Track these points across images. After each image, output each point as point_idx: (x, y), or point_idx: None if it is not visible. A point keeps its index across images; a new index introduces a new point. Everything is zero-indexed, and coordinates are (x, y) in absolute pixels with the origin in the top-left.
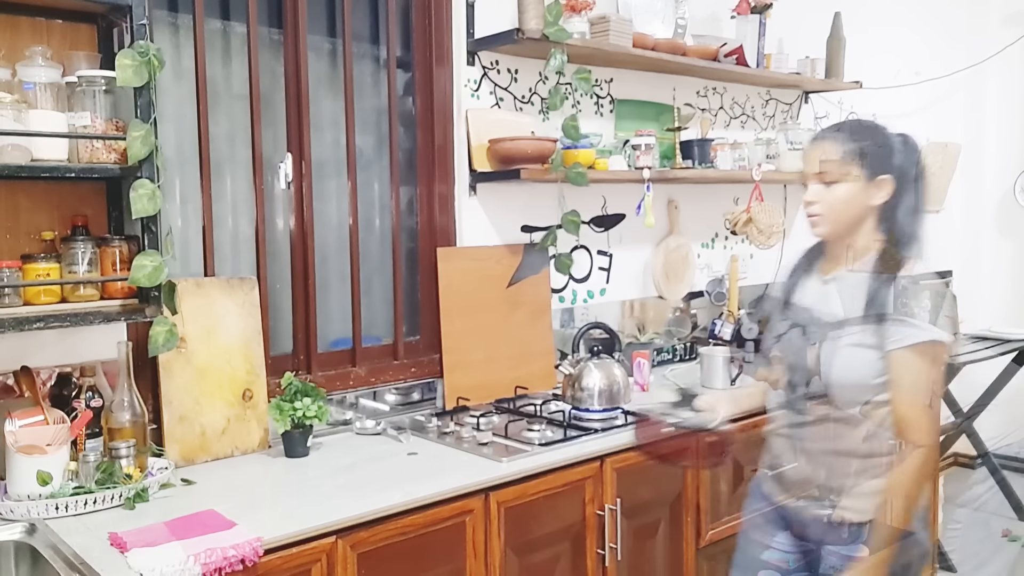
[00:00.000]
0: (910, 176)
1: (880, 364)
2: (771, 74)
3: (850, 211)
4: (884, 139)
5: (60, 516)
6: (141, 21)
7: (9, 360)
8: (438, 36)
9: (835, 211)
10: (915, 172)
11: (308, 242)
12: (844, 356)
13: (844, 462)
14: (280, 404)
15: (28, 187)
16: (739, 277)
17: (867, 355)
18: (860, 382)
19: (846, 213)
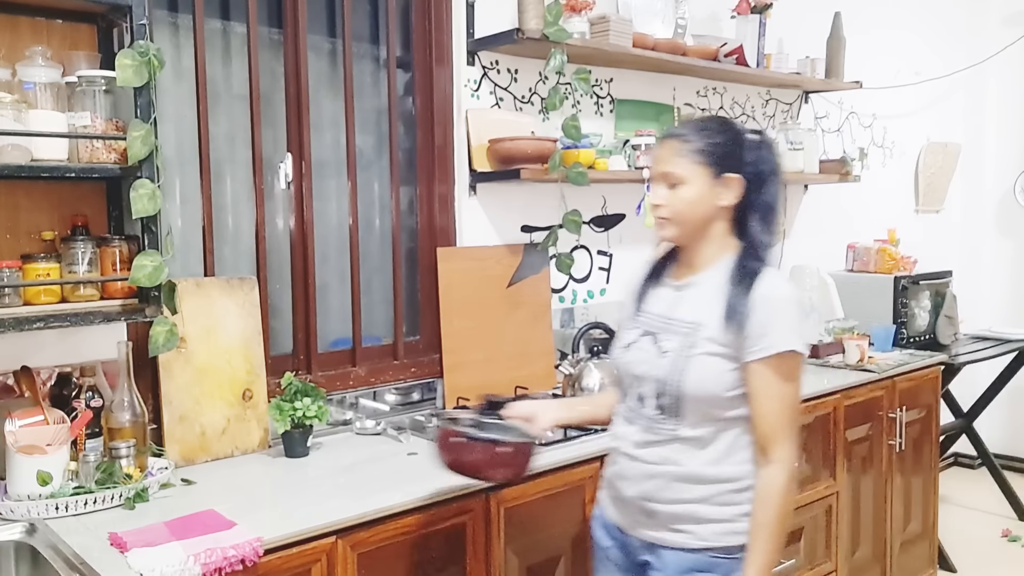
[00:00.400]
0: (762, 175)
1: (734, 375)
2: (771, 74)
3: (697, 213)
4: (730, 136)
5: (60, 516)
6: (141, 21)
7: (9, 360)
8: (438, 36)
9: (681, 213)
10: (768, 171)
11: (308, 242)
12: (698, 366)
13: (687, 487)
14: (280, 404)
15: (28, 187)
16: None
17: (722, 365)
18: (713, 393)
19: (693, 215)
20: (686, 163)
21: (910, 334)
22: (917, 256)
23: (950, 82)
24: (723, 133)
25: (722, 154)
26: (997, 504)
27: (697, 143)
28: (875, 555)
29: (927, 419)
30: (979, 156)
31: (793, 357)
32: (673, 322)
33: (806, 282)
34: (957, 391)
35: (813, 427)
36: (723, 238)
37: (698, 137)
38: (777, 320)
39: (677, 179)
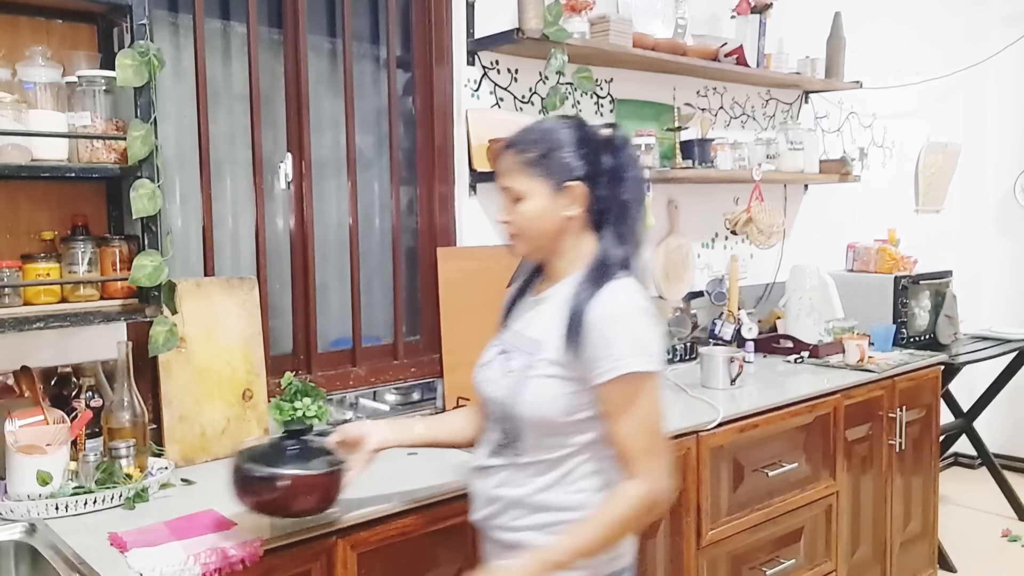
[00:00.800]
0: (612, 176)
1: (573, 399)
2: (771, 74)
3: (542, 227)
4: (567, 141)
5: (60, 516)
6: (141, 21)
7: (9, 360)
8: (438, 36)
9: (527, 229)
10: (617, 171)
11: (308, 242)
12: (532, 388)
13: (523, 515)
14: (280, 404)
15: (28, 187)
16: (739, 277)
17: (558, 388)
18: (548, 418)
19: (539, 230)
20: (523, 177)
21: (910, 334)
22: (917, 256)
23: (950, 82)
24: (558, 139)
25: (560, 162)
26: (997, 504)
27: (531, 153)
28: (875, 555)
29: (927, 419)
30: (979, 156)
31: (638, 378)
32: (522, 340)
33: (806, 282)
34: (957, 391)
35: (813, 427)
36: (579, 248)
37: (532, 147)
38: (615, 340)
39: (517, 194)
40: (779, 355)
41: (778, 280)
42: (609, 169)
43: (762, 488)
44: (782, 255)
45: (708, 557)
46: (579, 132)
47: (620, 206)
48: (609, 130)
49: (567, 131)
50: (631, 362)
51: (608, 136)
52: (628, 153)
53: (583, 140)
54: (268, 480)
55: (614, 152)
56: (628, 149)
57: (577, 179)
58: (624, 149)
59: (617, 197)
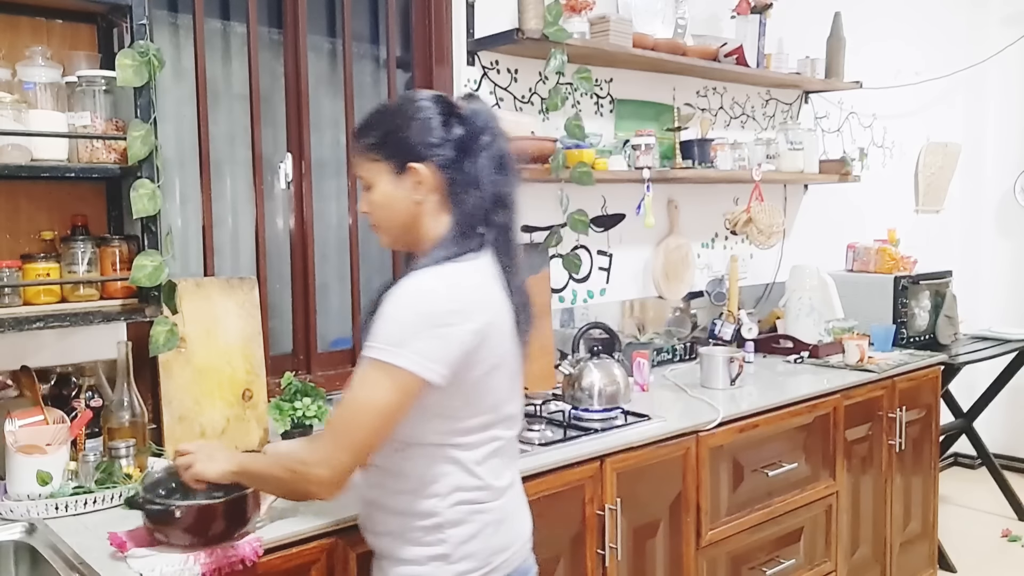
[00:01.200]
0: (460, 151)
1: None
2: (771, 74)
3: (394, 215)
4: (402, 119)
5: (60, 516)
6: (141, 21)
7: (9, 360)
8: (438, 36)
9: (380, 219)
10: (464, 144)
11: (308, 242)
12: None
13: (382, 518)
14: (280, 404)
15: (28, 187)
16: (739, 277)
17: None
18: None
19: (392, 218)
20: (367, 163)
21: (910, 334)
22: (917, 256)
23: (950, 82)
24: (393, 118)
25: (397, 142)
26: (997, 504)
27: (370, 138)
28: (875, 555)
29: (927, 419)
30: (979, 156)
31: (373, 365)
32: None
33: (806, 282)
34: (957, 391)
35: (813, 427)
36: (436, 233)
37: (371, 131)
38: (380, 320)
39: (366, 183)
40: (779, 355)
41: (778, 280)
42: (458, 143)
43: (762, 488)
44: (782, 255)
45: (708, 557)
46: (422, 108)
47: (469, 182)
48: (462, 101)
49: (409, 109)
50: (374, 348)
51: (455, 108)
52: (479, 123)
53: (426, 117)
54: (164, 513)
55: (464, 124)
56: (479, 119)
57: (419, 159)
58: (474, 119)
59: (468, 173)
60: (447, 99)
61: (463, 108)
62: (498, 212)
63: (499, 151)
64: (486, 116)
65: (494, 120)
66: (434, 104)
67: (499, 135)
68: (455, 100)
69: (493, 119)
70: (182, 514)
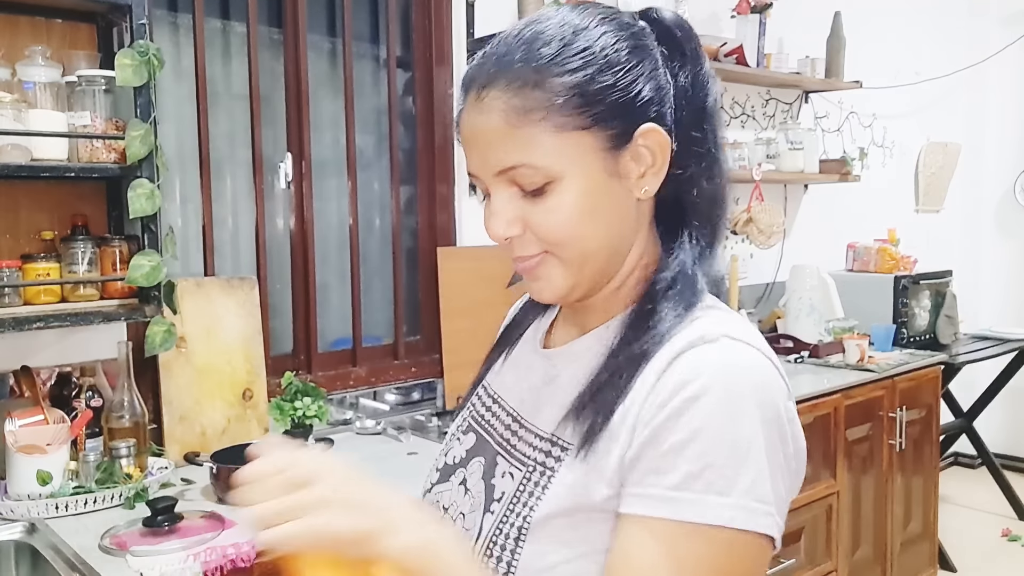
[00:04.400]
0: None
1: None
2: (771, 74)
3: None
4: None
5: (60, 516)
6: (141, 21)
7: (9, 360)
8: (438, 36)
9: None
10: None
11: (308, 242)
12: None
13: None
14: (280, 404)
15: (28, 187)
16: (739, 277)
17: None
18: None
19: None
20: (546, 138)
21: (910, 334)
22: (917, 256)
23: (950, 82)
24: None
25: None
26: (997, 504)
27: (558, 82)
28: (875, 555)
29: (927, 419)
30: (979, 156)
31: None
32: (524, 436)
33: (806, 282)
34: (957, 391)
35: (813, 427)
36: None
37: (550, 67)
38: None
39: (540, 177)
40: (779, 355)
41: (778, 280)
42: (689, 95)
43: None
44: (782, 255)
45: None
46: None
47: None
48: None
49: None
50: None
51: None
52: (706, 61)
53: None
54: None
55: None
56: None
57: (647, 118)
58: (701, 52)
59: (707, 151)
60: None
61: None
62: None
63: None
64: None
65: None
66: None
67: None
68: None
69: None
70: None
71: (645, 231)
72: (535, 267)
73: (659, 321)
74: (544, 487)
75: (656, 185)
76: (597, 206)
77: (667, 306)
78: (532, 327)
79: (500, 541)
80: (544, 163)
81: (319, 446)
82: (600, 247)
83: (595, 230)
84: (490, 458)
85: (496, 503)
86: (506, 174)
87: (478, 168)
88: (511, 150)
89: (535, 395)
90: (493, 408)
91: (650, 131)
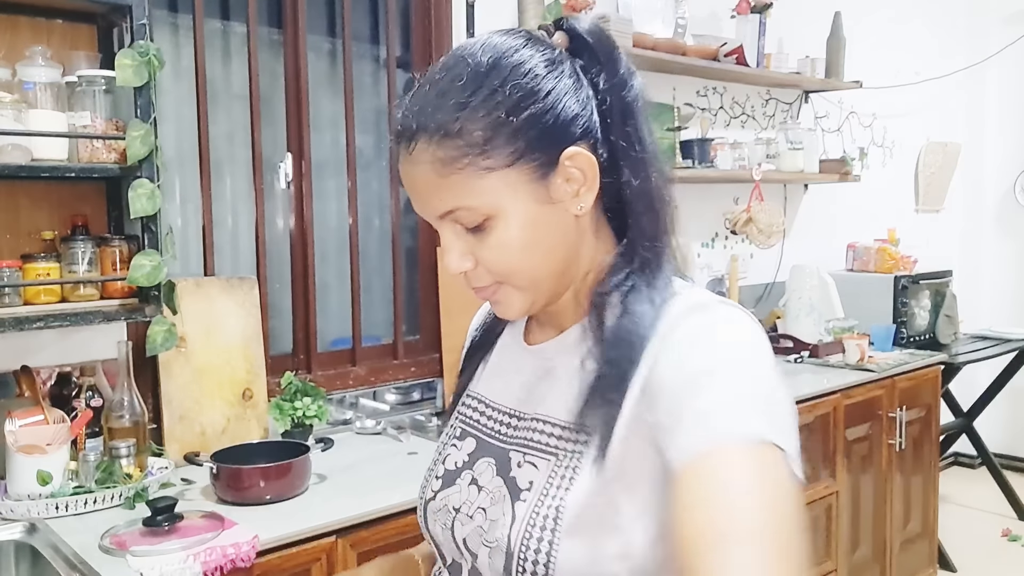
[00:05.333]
0: (617, 117)
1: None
2: (771, 74)
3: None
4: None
5: (60, 516)
6: (141, 21)
7: (9, 360)
8: (438, 36)
9: (523, 265)
10: (620, 103)
11: (308, 242)
12: (579, 522)
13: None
14: (280, 404)
15: (28, 187)
16: (739, 277)
17: (619, 507)
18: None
19: (544, 258)
20: (473, 181)
21: (910, 334)
22: (917, 256)
23: (950, 82)
24: (508, 81)
25: (540, 116)
26: (997, 504)
27: (475, 128)
28: (875, 554)
29: (927, 419)
30: (979, 156)
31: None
32: (527, 424)
33: (806, 282)
34: (957, 391)
35: (813, 427)
36: (595, 259)
37: (466, 114)
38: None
39: (478, 216)
40: (779, 355)
41: (778, 280)
42: (610, 99)
43: None
44: (782, 255)
45: None
46: (539, 46)
47: (643, 167)
48: (586, 23)
49: (520, 51)
50: (751, 422)
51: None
52: (625, 60)
53: (553, 59)
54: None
55: (609, 64)
56: (622, 53)
57: (572, 139)
58: (619, 54)
59: (636, 151)
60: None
61: (601, 38)
62: (669, 214)
63: (647, 103)
64: (611, 41)
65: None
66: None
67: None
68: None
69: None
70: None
71: (592, 236)
72: (493, 294)
73: (638, 303)
74: (576, 469)
75: (591, 199)
76: (538, 234)
77: (638, 296)
78: (507, 331)
79: (539, 523)
80: (478, 203)
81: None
82: (550, 271)
83: (541, 257)
84: (501, 455)
85: (526, 492)
86: (446, 217)
87: (421, 212)
88: (445, 197)
89: (532, 389)
90: (486, 412)
91: (575, 154)
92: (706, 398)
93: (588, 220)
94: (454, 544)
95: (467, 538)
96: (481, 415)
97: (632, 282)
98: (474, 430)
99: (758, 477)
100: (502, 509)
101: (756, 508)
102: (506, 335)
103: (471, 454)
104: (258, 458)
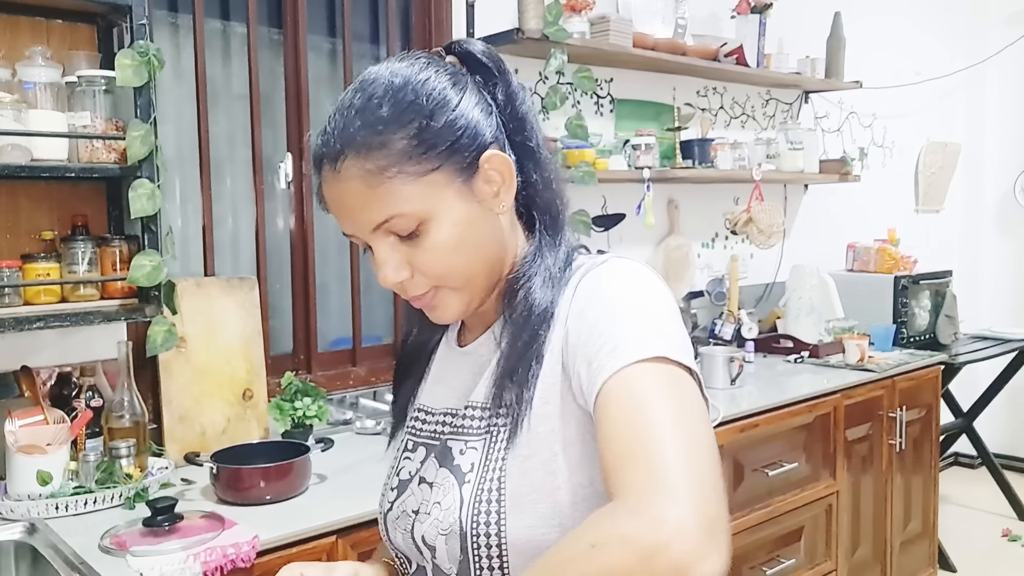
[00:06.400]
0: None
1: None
2: (771, 74)
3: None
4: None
5: (60, 516)
6: (141, 21)
7: (9, 360)
8: (438, 36)
9: (456, 265)
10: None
11: (308, 242)
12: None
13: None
14: (280, 404)
15: (28, 187)
16: (739, 277)
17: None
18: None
19: (473, 256)
20: (404, 188)
21: (910, 334)
22: (917, 256)
23: (950, 82)
24: (421, 93)
25: (454, 128)
26: (997, 504)
27: (398, 138)
28: (875, 554)
29: (927, 419)
30: (979, 156)
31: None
32: (468, 415)
33: (806, 282)
34: (957, 391)
35: (813, 427)
36: (515, 252)
37: (388, 126)
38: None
39: (411, 221)
40: (779, 355)
41: (778, 280)
42: (509, 109)
43: (762, 488)
44: (782, 255)
45: None
46: (441, 66)
47: (543, 167)
48: (479, 46)
49: (426, 70)
50: (656, 344)
51: (479, 52)
52: (514, 76)
53: (454, 74)
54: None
55: (502, 79)
56: (510, 70)
57: (486, 144)
58: (508, 70)
59: (534, 154)
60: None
61: (490, 56)
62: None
63: (531, 107)
64: (501, 59)
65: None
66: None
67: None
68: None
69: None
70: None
71: (511, 233)
72: (430, 300)
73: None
74: (507, 440)
75: (511, 199)
76: (468, 233)
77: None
78: (442, 342)
79: (484, 497)
80: (410, 209)
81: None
82: (481, 268)
83: (473, 254)
84: (443, 450)
85: (469, 473)
86: (381, 228)
87: (353, 230)
88: (377, 208)
89: (469, 385)
90: (430, 420)
91: (492, 156)
92: (610, 337)
93: (507, 218)
94: (414, 546)
95: (425, 535)
96: (426, 424)
97: (537, 267)
98: (423, 439)
99: (668, 384)
100: (452, 497)
101: (670, 408)
102: (442, 345)
103: (422, 462)
104: (258, 458)
